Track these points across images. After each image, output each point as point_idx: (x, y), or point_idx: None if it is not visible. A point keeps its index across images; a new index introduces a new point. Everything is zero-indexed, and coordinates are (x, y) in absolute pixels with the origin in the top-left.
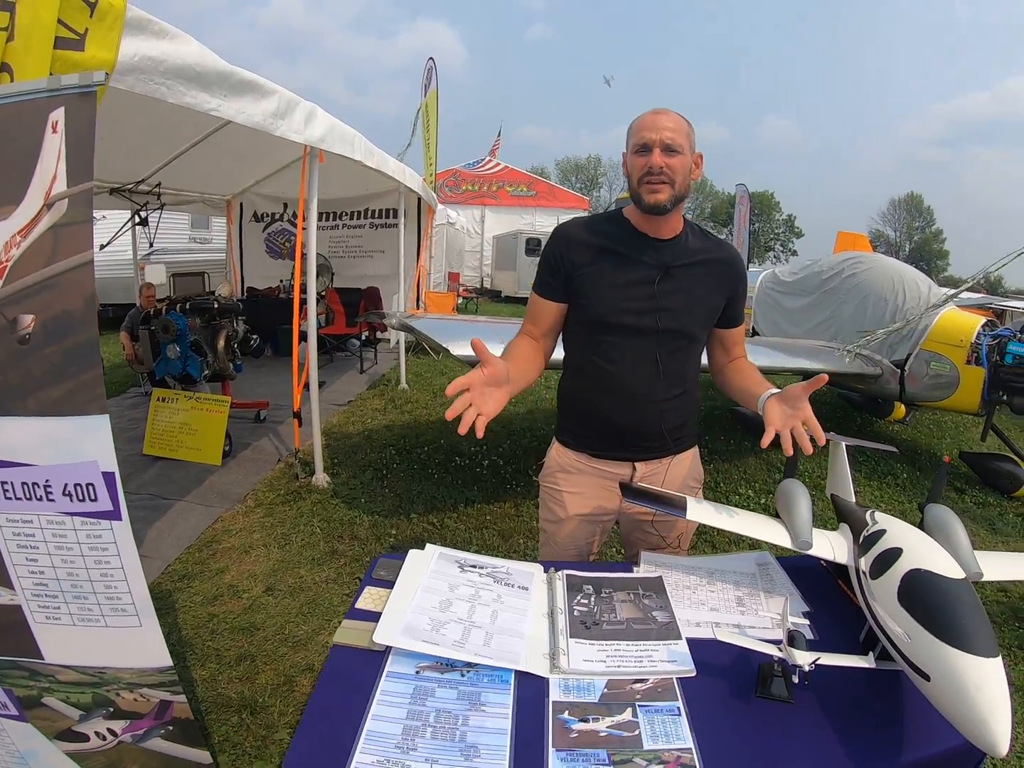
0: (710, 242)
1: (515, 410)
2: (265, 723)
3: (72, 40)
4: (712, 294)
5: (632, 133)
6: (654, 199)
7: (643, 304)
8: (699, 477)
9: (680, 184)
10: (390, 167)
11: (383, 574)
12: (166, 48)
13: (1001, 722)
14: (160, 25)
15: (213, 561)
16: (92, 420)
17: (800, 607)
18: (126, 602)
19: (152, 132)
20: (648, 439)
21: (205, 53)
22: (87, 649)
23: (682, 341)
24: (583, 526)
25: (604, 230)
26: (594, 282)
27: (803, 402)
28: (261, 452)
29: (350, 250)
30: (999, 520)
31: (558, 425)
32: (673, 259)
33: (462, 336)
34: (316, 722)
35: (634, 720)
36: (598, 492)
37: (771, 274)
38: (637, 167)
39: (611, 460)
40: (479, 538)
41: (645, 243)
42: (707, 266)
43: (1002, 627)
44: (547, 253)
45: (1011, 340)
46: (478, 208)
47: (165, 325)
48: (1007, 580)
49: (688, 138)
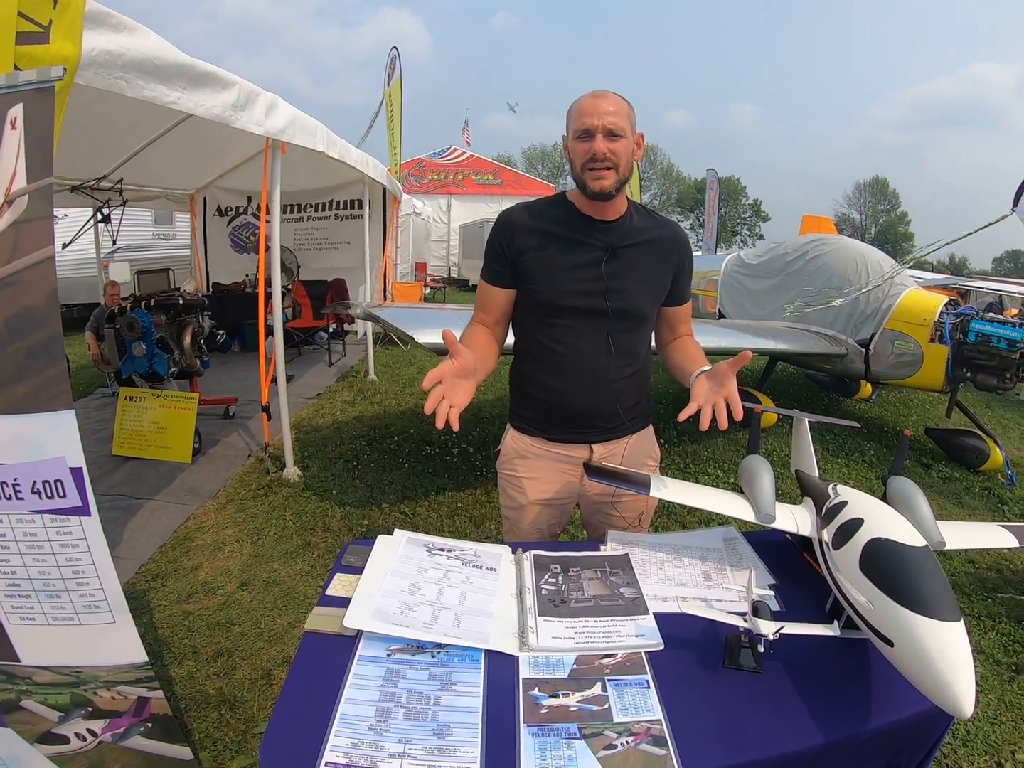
0: (654, 221)
1: (484, 397)
2: (245, 718)
3: (37, 33)
4: (659, 272)
5: (573, 118)
6: (599, 186)
7: (591, 286)
8: (655, 455)
9: (623, 168)
10: (353, 158)
11: (352, 560)
12: (125, 41)
13: (964, 684)
14: (119, 18)
15: (187, 559)
16: (58, 416)
17: (766, 580)
18: (99, 599)
19: (113, 127)
20: (605, 420)
21: (164, 46)
22: (63, 648)
23: (632, 321)
24: (544, 511)
25: (549, 214)
26: (541, 266)
27: (729, 379)
28: (231, 448)
29: (315, 242)
30: (966, 494)
31: (512, 411)
32: (619, 240)
33: (428, 325)
34: (290, 709)
35: (603, 694)
36: (557, 476)
37: (736, 257)
38: (580, 153)
39: (568, 443)
40: (451, 525)
41: (590, 225)
42: (653, 244)
43: (971, 596)
44: (492, 240)
45: (974, 319)
46: (444, 197)
47: (130, 323)
48: (970, 548)
49: (629, 119)
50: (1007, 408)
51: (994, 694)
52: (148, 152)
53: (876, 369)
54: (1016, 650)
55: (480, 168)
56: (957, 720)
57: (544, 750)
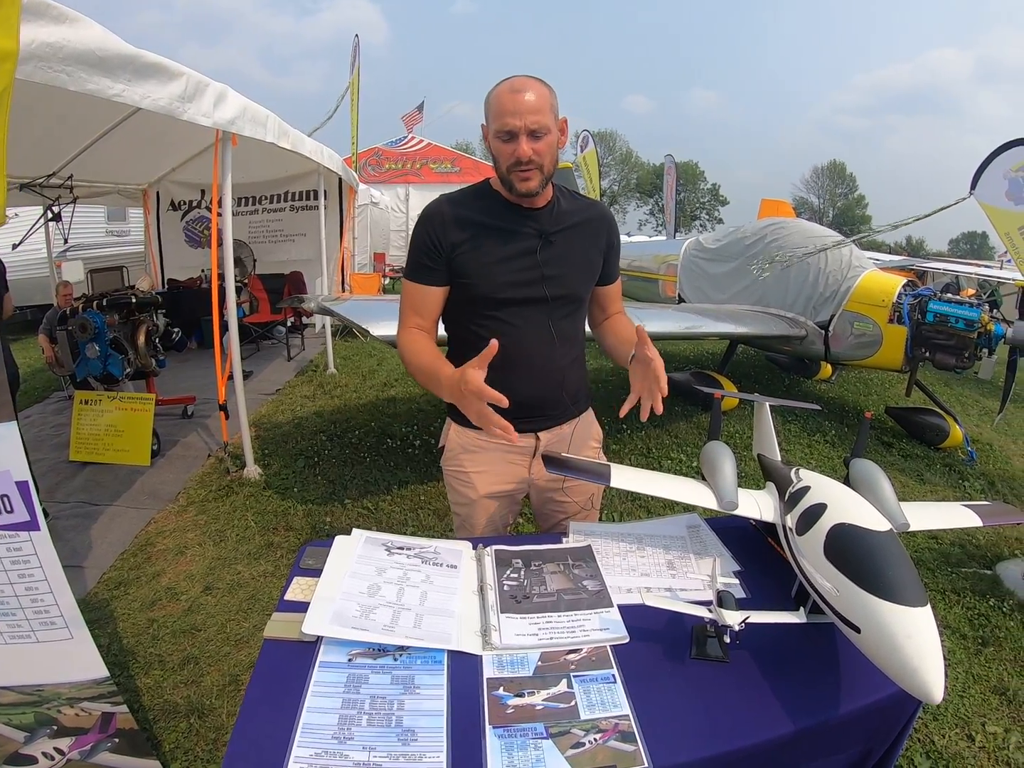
0: (581, 202)
1: None
2: (214, 726)
3: None
4: (591, 253)
5: (493, 115)
6: (526, 187)
7: (528, 275)
8: (599, 437)
9: (548, 165)
10: (307, 148)
11: (311, 563)
12: (66, 33)
13: (933, 670)
14: (59, 9)
15: (149, 565)
16: (1, 428)
17: (731, 567)
18: (54, 615)
19: (61, 122)
20: (551, 407)
21: (108, 37)
22: (22, 667)
23: (571, 306)
24: (496, 504)
25: (477, 206)
26: (476, 260)
27: (653, 365)
28: (190, 448)
29: (271, 234)
30: (927, 471)
31: (449, 404)
32: (551, 226)
33: (383, 316)
34: (252, 720)
35: (570, 691)
36: (504, 467)
37: (695, 241)
38: (504, 155)
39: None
40: (415, 519)
41: (521, 214)
42: (582, 226)
43: (935, 572)
44: (421, 236)
45: (932, 299)
46: (402, 186)
47: (82, 324)
48: (934, 529)
49: (552, 110)
50: (965, 386)
51: (962, 667)
52: (99, 146)
53: (836, 350)
54: (981, 623)
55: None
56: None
57: (511, 751)
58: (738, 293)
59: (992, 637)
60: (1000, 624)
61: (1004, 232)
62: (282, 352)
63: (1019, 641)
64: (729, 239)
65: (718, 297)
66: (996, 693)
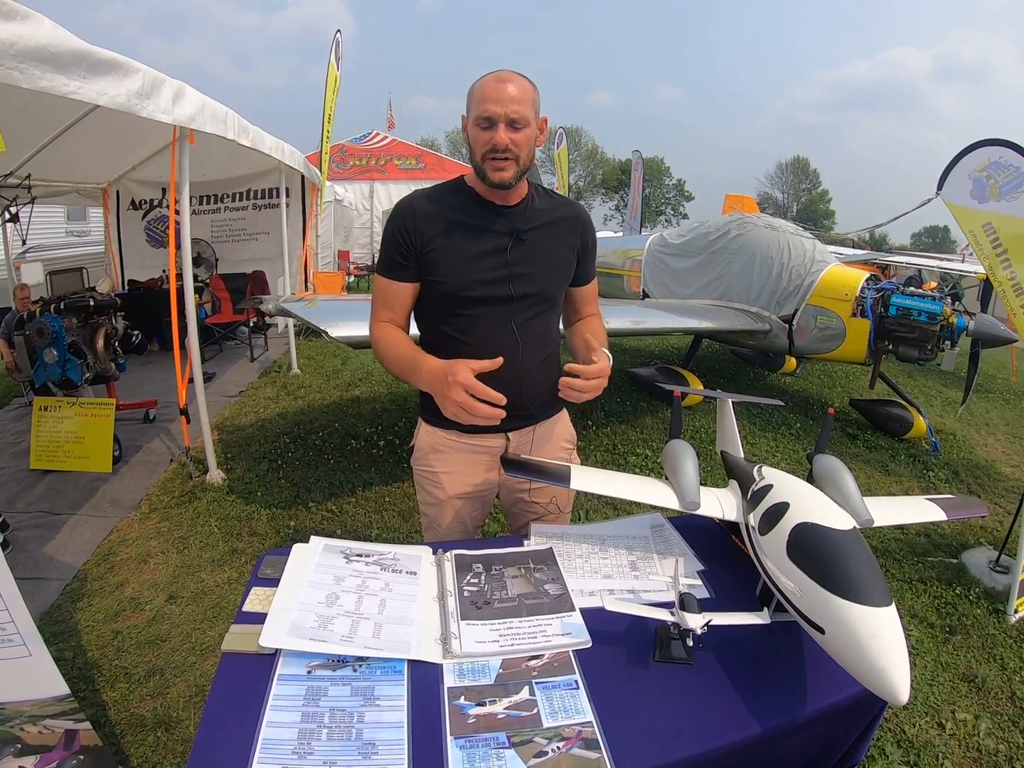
0: (555, 201)
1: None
2: (182, 738)
3: None
4: (564, 252)
5: (475, 102)
6: (499, 177)
7: (496, 273)
8: (572, 439)
9: (524, 158)
10: (267, 145)
11: (269, 572)
12: (16, 30)
13: (899, 670)
14: (9, 5)
15: (112, 575)
16: None
17: (695, 566)
18: (11, 632)
19: (17, 120)
20: (516, 408)
21: (59, 33)
22: None
23: (540, 306)
24: (465, 505)
25: (450, 202)
26: (447, 256)
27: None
28: (152, 454)
29: (234, 233)
30: (892, 462)
31: (422, 404)
32: (523, 223)
33: (343, 317)
34: (211, 737)
35: (532, 698)
36: (474, 468)
37: (659, 237)
38: (481, 142)
39: (484, 433)
40: (379, 521)
41: (493, 211)
42: (555, 225)
43: (902, 562)
44: (394, 231)
45: (894, 293)
46: (367, 183)
47: (39, 328)
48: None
49: (534, 106)
50: (928, 377)
51: (930, 656)
52: (57, 145)
53: (800, 344)
54: (948, 612)
55: (403, 152)
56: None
57: (473, 762)
58: (702, 288)
59: (959, 625)
60: (967, 612)
61: (968, 229)
62: (245, 353)
63: (986, 628)
64: (693, 234)
65: (682, 292)
66: (965, 680)
